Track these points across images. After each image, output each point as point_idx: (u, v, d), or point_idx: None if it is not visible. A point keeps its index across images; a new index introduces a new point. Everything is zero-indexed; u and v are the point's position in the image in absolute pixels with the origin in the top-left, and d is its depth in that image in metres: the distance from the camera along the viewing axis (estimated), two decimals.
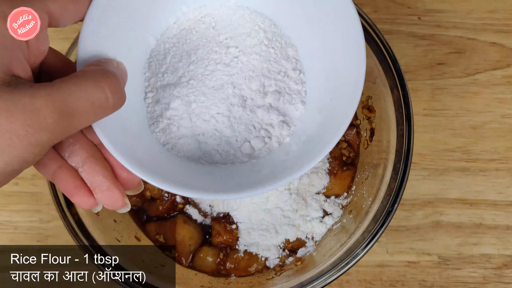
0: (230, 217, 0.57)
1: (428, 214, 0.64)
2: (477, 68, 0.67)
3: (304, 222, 0.57)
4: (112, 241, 0.53)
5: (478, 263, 0.63)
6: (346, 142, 0.60)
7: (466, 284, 0.62)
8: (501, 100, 0.66)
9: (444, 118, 0.66)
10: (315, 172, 0.58)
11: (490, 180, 0.65)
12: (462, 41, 0.67)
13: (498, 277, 0.62)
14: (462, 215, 0.64)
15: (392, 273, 0.62)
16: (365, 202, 0.53)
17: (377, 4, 0.68)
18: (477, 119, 0.66)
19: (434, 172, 0.65)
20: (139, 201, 0.60)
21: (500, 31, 0.68)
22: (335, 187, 0.59)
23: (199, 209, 0.59)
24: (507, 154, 0.65)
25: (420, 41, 0.67)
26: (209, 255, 0.58)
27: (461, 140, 0.65)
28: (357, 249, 0.49)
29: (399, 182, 0.50)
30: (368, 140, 0.58)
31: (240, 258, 0.58)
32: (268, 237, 0.57)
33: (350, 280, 0.62)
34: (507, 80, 0.67)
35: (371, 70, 0.53)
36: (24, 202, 0.64)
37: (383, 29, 0.64)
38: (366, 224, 0.51)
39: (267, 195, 0.56)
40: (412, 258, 0.63)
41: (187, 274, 0.57)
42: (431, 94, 0.66)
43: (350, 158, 0.60)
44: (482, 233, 0.63)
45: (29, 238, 0.63)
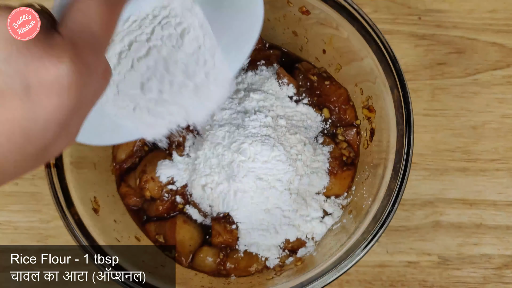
0: (230, 217, 0.57)
1: (428, 214, 0.64)
2: (477, 68, 0.67)
3: (304, 222, 0.57)
4: (112, 241, 0.53)
5: (478, 263, 0.63)
6: (346, 142, 0.60)
7: (466, 284, 0.62)
8: (501, 100, 0.66)
9: (444, 118, 0.66)
10: (315, 172, 0.58)
11: (490, 180, 0.65)
12: (462, 41, 0.67)
13: (498, 277, 0.62)
14: (462, 215, 0.64)
15: (392, 273, 0.62)
16: (365, 202, 0.53)
17: (377, 4, 0.68)
18: (477, 119, 0.66)
19: (434, 172, 0.65)
20: (139, 201, 0.60)
21: (500, 31, 0.68)
22: (335, 187, 0.59)
23: (199, 209, 0.59)
24: (507, 154, 0.65)
25: (420, 41, 0.67)
26: (209, 255, 0.58)
27: (461, 140, 0.65)
28: (357, 249, 0.49)
29: (399, 182, 0.50)
30: (368, 140, 0.58)
31: (240, 258, 0.58)
32: (268, 237, 0.57)
33: (350, 280, 0.62)
34: (507, 80, 0.67)
35: (371, 70, 0.53)
36: (24, 202, 0.64)
37: (383, 29, 0.64)
38: (366, 224, 0.51)
39: (267, 195, 0.56)
40: (412, 258, 0.63)
41: (187, 274, 0.57)
42: (431, 94, 0.66)
43: (350, 158, 0.60)
44: (482, 233, 0.63)
45: (29, 238, 0.63)
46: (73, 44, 0.29)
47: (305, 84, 0.61)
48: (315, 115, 0.60)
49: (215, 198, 0.56)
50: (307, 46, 0.61)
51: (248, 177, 0.55)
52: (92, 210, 0.53)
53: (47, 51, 0.28)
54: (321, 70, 0.62)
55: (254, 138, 0.55)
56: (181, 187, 0.59)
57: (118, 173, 0.61)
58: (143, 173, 0.58)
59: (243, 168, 0.55)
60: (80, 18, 0.30)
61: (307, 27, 0.58)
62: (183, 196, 0.59)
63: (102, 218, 0.54)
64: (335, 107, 0.61)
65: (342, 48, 0.57)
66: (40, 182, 0.64)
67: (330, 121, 0.61)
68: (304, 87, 0.61)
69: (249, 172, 0.55)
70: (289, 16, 0.58)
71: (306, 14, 0.56)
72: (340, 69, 0.60)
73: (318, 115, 0.60)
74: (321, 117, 0.60)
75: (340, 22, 0.53)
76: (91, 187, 0.55)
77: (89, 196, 0.54)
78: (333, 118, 0.61)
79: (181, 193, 0.59)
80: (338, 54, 0.58)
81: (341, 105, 0.61)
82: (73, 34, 0.30)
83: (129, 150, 0.61)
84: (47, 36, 0.28)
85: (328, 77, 0.62)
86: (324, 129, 0.61)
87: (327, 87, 0.61)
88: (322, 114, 0.60)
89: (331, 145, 0.59)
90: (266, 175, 0.55)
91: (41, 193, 0.64)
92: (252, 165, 0.55)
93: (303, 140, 0.57)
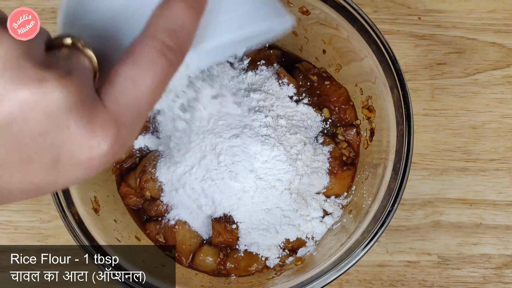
0: (230, 217, 0.57)
1: (428, 214, 0.64)
2: (477, 68, 0.67)
3: (304, 222, 0.57)
4: (112, 241, 0.53)
5: (478, 263, 0.63)
6: (346, 142, 0.60)
7: (466, 284, 0.62)
8: (501, 100, 0.66)
9: (444, 118, 0.66)
10: (315, 172, 0.58)
11: (490, 180, 0.65)
12: (462, 41, 0.67)
13: (498, 277, 0.62)
14: (462, 215, 0.64)
15: (392, 273, 0.62)
16: (365, 202, 0.53)
17: (377, 4, 0.68)
18: (477, 119, 0.66)
19: (434, 172, 0.65)
20: (139, 201, 0.60)
21: (500, 31, 0.68)
22: (335, 187, 0.59)
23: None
24: (507, 154, 0.65)
25: (420, 41, 0.67)
26: (209, 255, 0.58)
27: (461, 140, 0.65)
28: (357, 249, 0.49)
29: (399, 182, 0.50)
30: (368, 140, 0.58)
31: (240, 258, 0.58)
32: (268, 237, 0.57)
33: (350, 280, 0.62)
34: (507, 80, 0.67)
35: (371, 70, 0.53)
36: (24, 202, 0.64)
37: (383, 29, 0.64)
38: (366, 224, 0.51)
39: (267, 195, 0.56)
40: (412, 258, 0.63)
41: (187, 274, 0.57)
42: (431, 94, 0.66)
43: (350, 158, 0.60)
44: (482, 233, 0.63)
45: (29, 238, 0.63)
46: (117, 123, 0.27)
47: (305, 84, 0.61)
48: (315, 115, 0.60)
49: (215, 198, 0.56)
50: (307, 46, 0.61)
51: (248, 177, 0.55)
52: (92, 210, 0.53)
53: (87, 130, 0.26)
54: (321, 70, 0.62)
55: (254, 138, 0.55)
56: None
57: (118, 173, 0.61)
58: (143, 173, 0.58)
59: (243, 168, 0.55)
60: (130, 90, 0.27)
61: (307, 27, 0.58)
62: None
63: (102, 218, 0.54)
64: (335, 107, 0.61)
65: (342, 48, 0.57)
66: None
67: (330, 121, 0.61)
68: (304, 87, 0.61)
69: (249, 172, 0.55)
70: None
71: (306, 14, 0.56)
72: (340, 69, 0.60)
73: (318, 115, 0.60)
74: (321, 117, 0.60)
75: (340, 22, 0.53)
76: (91, 187, 0.55)
77: (89, 196, 0.54)
78: (333, 118, 0.61)
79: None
80: (338, 54, 0.58)
81: (341, 105, 0.61)
82: (119, 110, 0.27)
83: (129, 150, 0.61)
84: (91, 107, 0.26)
85: (328, 77, 0.62)
86: (324, 129, 0.61)
87: (327, 87, 0.61)
88: (322, 114, 0.60)
89: (331, 145, 0.59)
90: (266, 175, 0.55)
91: None
92: (252, 165, 0.55)
93: (303, 140, 0.58)
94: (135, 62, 0.27)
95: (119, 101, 0.27)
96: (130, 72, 0.27)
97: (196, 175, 0.56)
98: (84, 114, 0.25)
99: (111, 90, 0.27)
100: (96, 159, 0.26)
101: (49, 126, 0.25)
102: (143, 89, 0.27)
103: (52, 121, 0.25)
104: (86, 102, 0.26)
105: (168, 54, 0.28)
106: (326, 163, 0.59)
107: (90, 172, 0.27)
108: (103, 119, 0.26)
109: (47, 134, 0.25)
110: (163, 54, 0.27)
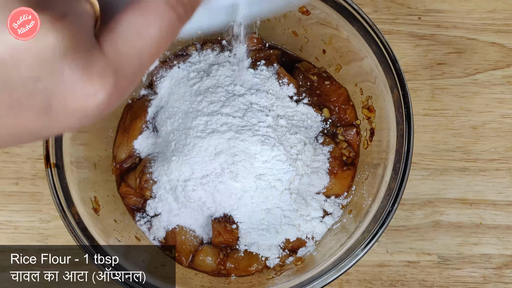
0: (230, 217, 0.57)
1: (428, 214, 0.64)
2: (477, 68, 0.67)
3: (304, 222, 0.57)
4: (112, 241, 0.53)
5: (478, 263, 0.63)
6: (346, 142, 0.60)
7: (466, 284, 0.62)
8: (501, 100, 0.66)
9: (444, 118, 0.66)
10: (315, 172, 0.58)
11: (490, 180, 0.65)
12: (462, 41, 0.67)
13: (498, 277, 0.62)
14: (462, 215, 0.64)
15: (392, 273, 0.62)
16: (365, 202, 0.53)
17: (377, 4, 0.68)
18: (477, 119, 0.66)
19: (434, 172, 0.65)
20: (139, 201, 0.60)
21: (500, 31, 0.68)
22: (335, 187, 0.59)
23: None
24: (507, 154, 0.65)
25: (420, 41, 0.67)
26: (209, 255, 0.58)
27: (461, 140, 0.65)
28: (357, 249, 0.49)
29: (399, 182, 0.50)
30: (368, 140, 0.58)
31: (240, 258, 0.58)
32: (268, 237, 0.57)
33: (350, 280, 0.62)
34: (507, 80, 0.67)
35: (371, 70, 0.53)
36: (24, 202, 0.64)
37: (383, 29, 0.64)
38: (366, 224, 0.51)
39: (267, 195, 0.56)
40: (412, 258, 0.63)
41: (187, 274, 0.57)
42: (431, 94, 0.66)
43: (350, 158, 0.60)
44: (482, 233, 0.63)
45: (29, 238, 0.63)
46: (116, 72, 0.25)
47: (305, 84, 0.61)
48: (315, 115, 0.60)
49: (216, 198, 0.56)
50: (307, 46, 0.61)
51: (248, 177, 0.55)
52: (92, 210, 0.53)
53: (83, 77, 0.24)
54: (321, 70, 0.62)
55: (255, 138, 0.55)
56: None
57: (118, 173, 0.61)
58: (143, 173, 0.58)
59: (243, 168, 0.55)
60: (134, 39, 0.26)
61: (307, 27, 0.58)
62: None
63: (102, 218, 0.54)
64: (335, 107, 0.61)
65: (342, 48, 0.57)
66: (40, 182, 0.64)
67: (330, 121, 0.61)
68: (304, 87, 0.61)
69: (249, 172, 0.55)
70: (289, 16, 0.58)
71: (306, 14, 0.56)
72: (340, 69, 0.60)
73: (318, 115, 0.60)
74: (321, 117, 0.60)
75: (340, 22, 0.53)
76: (91, 187, 0.55)
77: (89, 196, 0.54)
78: (333, 118, 0.61)
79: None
80: (338, 54, 0.58)
81: (341, 105, 0.61)
82: (120, 59, 0.26)
83: (129, 150, 0.61)
84: (88, 54, 0.25)
85: (328, 77, 0.62)
86: (324, 129, 0.61)
87: (327, 87, 0.61)
88: (322, 114, 0.60)
89: (331, 145, 0.59)
90: (266, 175, 0.55)
91: (41, 193, 0.64)
92: (252, 165, 0.55)
93: (303, 140, 0.58)
94: (141, 11, 0.26)
95: (120, 50, 0.26)
96: (135, 21, 0.26)
97: (196, 175, 0.56)
98: (80, 60, 0.24)
99: (113, 38, 0.26)
100: (91, 108, 0.25)
101: (41, 71, 0.24)
102: (147, 40, 0.26)
103: (44, 66, 0.24)
104: (82, 48, 0.24)
105: (178, 7, 0.27)
106: (326, 163, 0.59)
107: (84, 121, 0.26)
108: (101, 67, 0.25)
109: (39, 79, 0.24)
110: (172, 6, 0.27)
